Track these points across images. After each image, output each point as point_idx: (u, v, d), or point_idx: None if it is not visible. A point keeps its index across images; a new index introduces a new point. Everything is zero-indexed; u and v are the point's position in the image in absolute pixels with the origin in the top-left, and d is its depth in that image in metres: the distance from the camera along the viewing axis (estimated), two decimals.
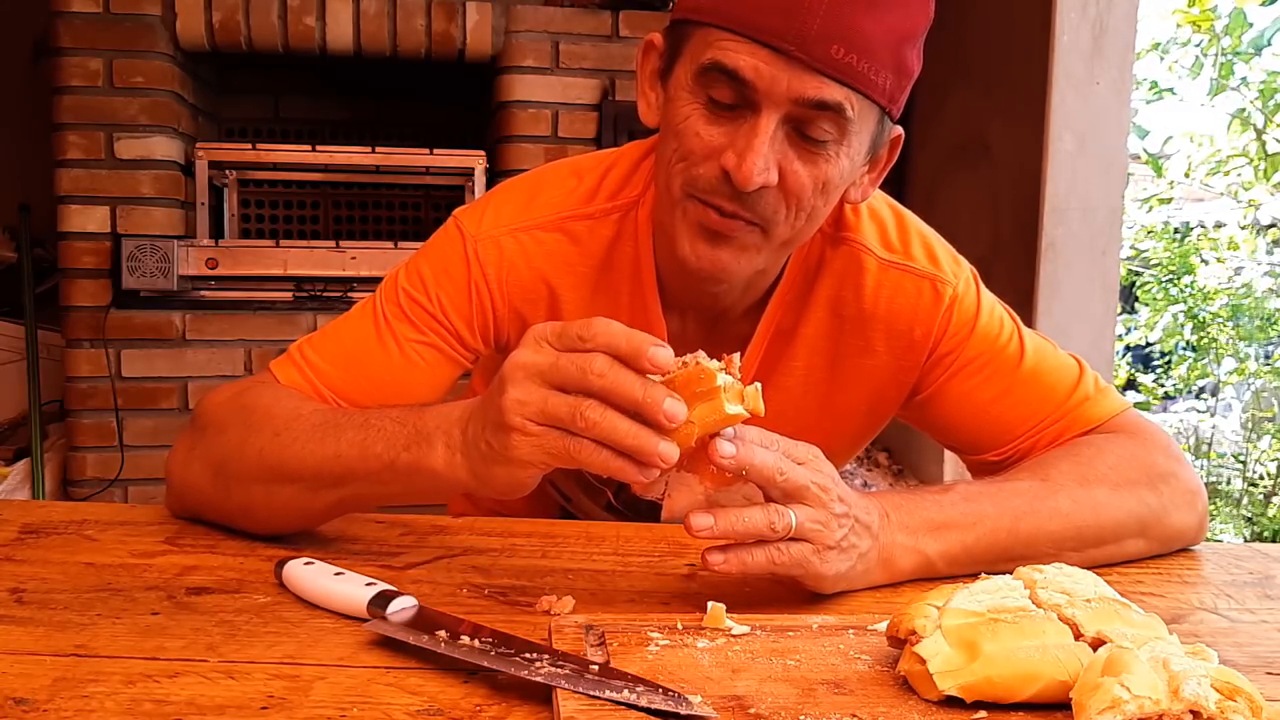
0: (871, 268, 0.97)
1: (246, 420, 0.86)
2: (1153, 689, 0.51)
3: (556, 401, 0.64)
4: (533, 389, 0.65)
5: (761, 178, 0.79)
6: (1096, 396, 0.98)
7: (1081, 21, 2.60)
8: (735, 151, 0.80)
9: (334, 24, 2.83)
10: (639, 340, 0.64)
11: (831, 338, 0.99)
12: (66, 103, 2.71)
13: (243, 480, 0.85)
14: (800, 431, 0.76)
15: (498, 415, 0.66)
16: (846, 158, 0.83)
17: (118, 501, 2.74)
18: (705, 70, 0.80)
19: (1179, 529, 0.94)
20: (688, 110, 0.82)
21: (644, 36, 0.91)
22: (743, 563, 0.70)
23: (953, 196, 3.10)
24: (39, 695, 0.57)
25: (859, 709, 0.57)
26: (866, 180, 0.91)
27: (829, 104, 0.79)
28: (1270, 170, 4.90)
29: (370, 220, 3.21)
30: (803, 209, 0.84)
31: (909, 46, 0.82)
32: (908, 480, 3.26)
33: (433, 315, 0.93)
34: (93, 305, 2.73)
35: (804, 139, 0.81)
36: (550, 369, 0.64)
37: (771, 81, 0.78)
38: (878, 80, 0.80)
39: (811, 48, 0.77)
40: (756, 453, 0.69)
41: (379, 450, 0.76)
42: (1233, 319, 4.98)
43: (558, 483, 1.12)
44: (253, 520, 0.87)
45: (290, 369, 0.92)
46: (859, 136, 0.83)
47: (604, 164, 1.00)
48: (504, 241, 0.95)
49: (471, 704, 0.58)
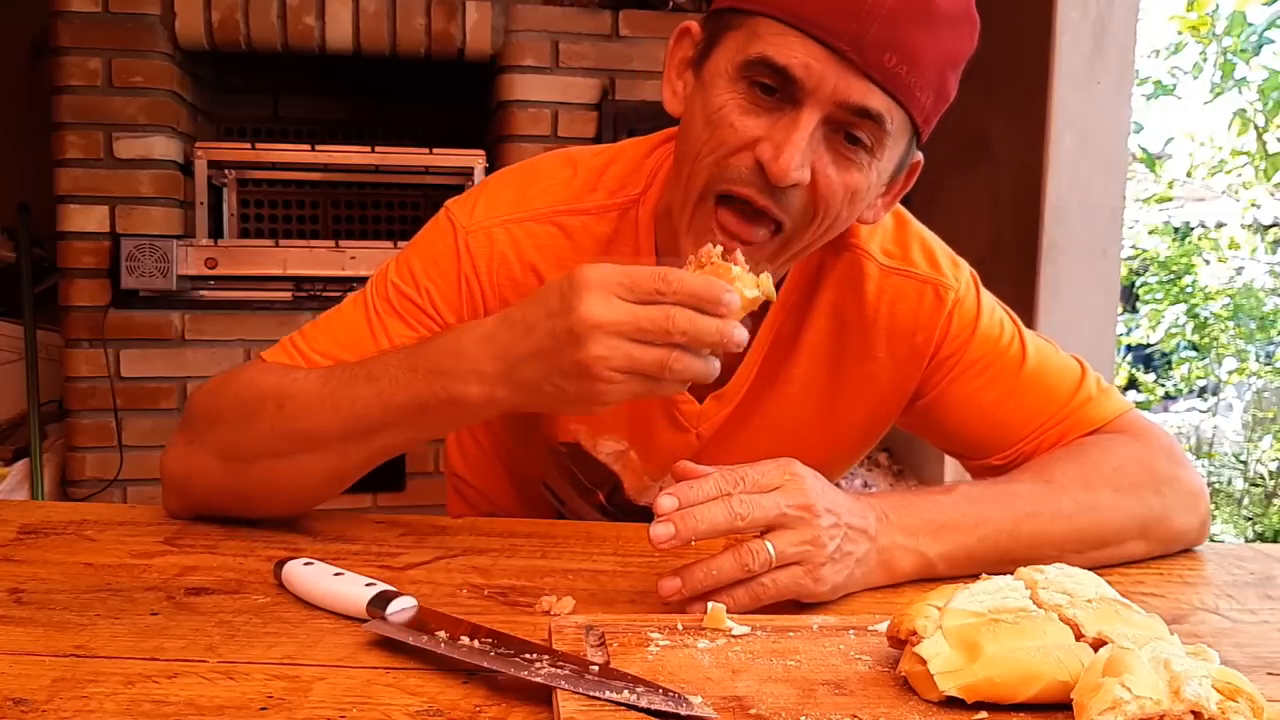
0: (872, 274, 0.96)
1: (242, 402, 0.87)
2: (1154, 689, 0.51)
3: (643, 356, 0.69)
4: (615, 344, 0.69)
5: (797, 173, 0.79)
6: (1099, 398, 0.98)
7: (1082, 21, 2.60)
8: (773, 144, 0.78)
9: (333, 23, 2.82)
10: (715, 290, 0.69)
11: (833, 344, 0.98)
12: (65, 102, 2.71)
13: (258, 459, 0.85)
14: (801, 439, 0.77)
15: (579, 368, 0.70)
16: (876, 170, 0.83)
17: (117, 502, 2.74)
18: (752, 63, 0.78)
19: (1181, 531, 0.93)
20: (724, 99, 0.80)
21: (647, 34, 0.91)
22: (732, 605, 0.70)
23: (954, 196, 3.10)
24: (38, 695, 0.57)
25: (859, 709, 0.57)
26: (880, 203, 0.90)
27: (872, 112, 0.78)
28: (1271, 170, 4.90)
29: (370, 220, 3.21)
30: (829, 215, 0.83)
31: (952, 71, 0.82)
32: (908, 481, 3.25)
33: (421, 309, 0.93)
34: (92, 305, 2.73)
35: (840, 143, 0.80)
36: (633, 327, 0.69)
37: (820, 79, 0.77)
38: (921, 97, 0.79)
39: (866, 51, 0.76)
40: (700, 519, 0.69)
41: (401, 399, 0.79)
42: (1234, 319, 4.98)
43: (552, 485, 1.12)
44: (274, 498, 0.88)
45: (283, 360, 0.92)
46: (891, 151, 0.83)
47: (602, 158, 0.99)
48: (495, 233, 0.94)
49: (471, 704, 0.58)
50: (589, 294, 0.69)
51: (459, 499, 1.23)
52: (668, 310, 0.69)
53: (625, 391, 0.71)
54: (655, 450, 1.01)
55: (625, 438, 1.02)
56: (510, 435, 1.14)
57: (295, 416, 0.83)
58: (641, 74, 2.88)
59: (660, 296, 0.69)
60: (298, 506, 0.90)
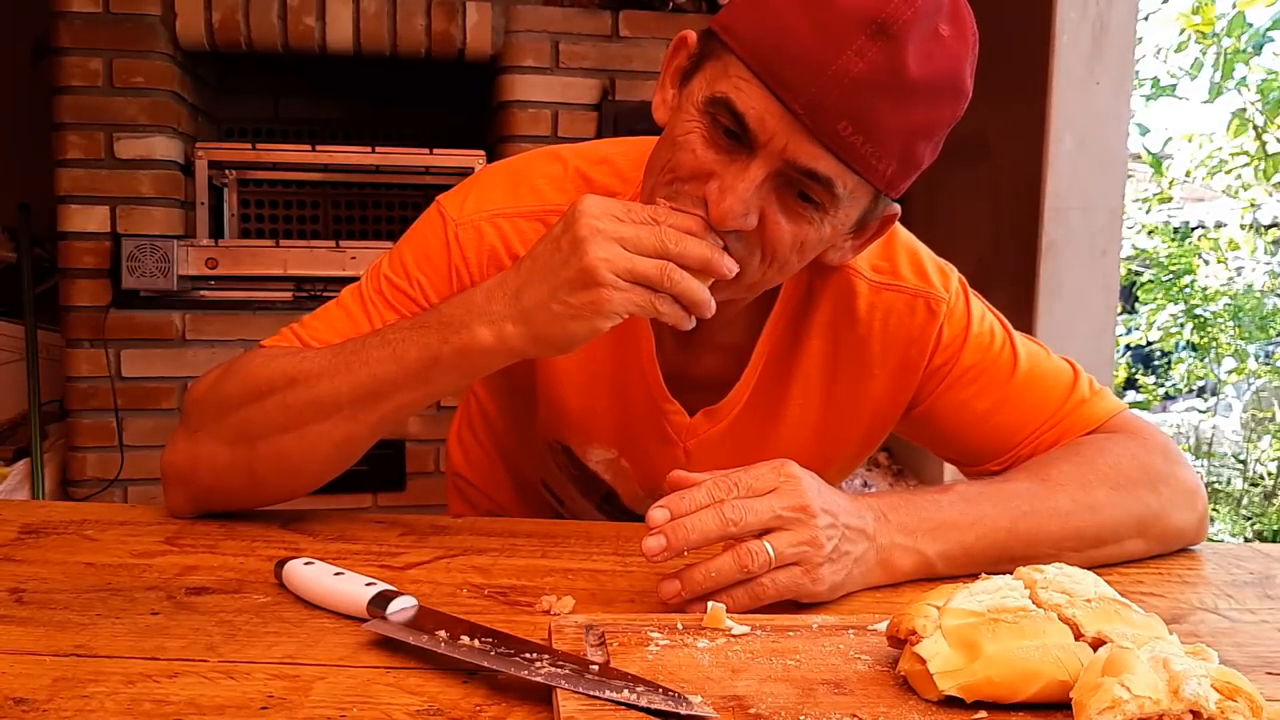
0: (863, 290, 0.96)
1: (251, 384, 0.88)
2: (1153, 689, 0.51)
3: (644, 264, 0.75)
4: (617, 250, 0.74)
5: (738, 222, 0.77)
6: (1093, 399, 0.98)
7: (1081, 21, 2.61)
8: (719, 186, 0.78)
9: (334, 24, 2.83)
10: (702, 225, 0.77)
11: (827, 364, 0.98)
12: (66, 103, 2.71)
13: (268, 435, 0.86)
14: (796, 456, 0.76)
15: (584, 274, 0.74)
16: (829, 225, 0.81)
17: (117, 501, 2.74)
18: (715, 101, 0.78)
19: (1179, 529, 0.93)
20: (690, 126, 0.80)
21: (646, 35, 0.91)
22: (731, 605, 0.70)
23: (953, 196, 3.10)
24: (39, 695, 0.57)
25: (859, 709, 0.57)
26: (849, 246, 0.89)
27: (819, 175, 0.76)
28: (1270, 170, 4.90)
29: (370, 220, 3.21)
30: (776, 261, 0.82)
31: (924, 141, 0.79)
32: (907, 480, 3.26)
33: (414, 300, 0.93)
34: (92, 305, 2.73)
35: (791, 195, 0.79)
36: (633, 239, 0.75)
37: (772, 135, 0.76)
38: (878, 166, 0.77)
39: (819, 116, 0.74)
40: (692, 528, 0.70)
41: (415, 354, 0.82)
42: (1233, 319, 4.98)
43: (551, 484, 1.12)
44: (285, 474, 0.89)
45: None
46: (846, 210, 0.81)
47: (591, 157, 0.98)
48: (484, 227, 0.95)
49: (471, 704, 0.58)
50: (589, 209, 0.75)
51: (460, 499, 1.23)
52: (661, 229, 0.75)
53: (628, 301, 0.75)
54: (646, 462, 1.01)
55: (615, 447, 1.02)
56: (510, 435, 1.14)
57: (308, 386, 0.85)
58: (641, 74, 2.88)
59: (655, 223, 0.76)
60: (307, 480, 0.90)
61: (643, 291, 0.75)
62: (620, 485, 1.05)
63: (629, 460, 1.02)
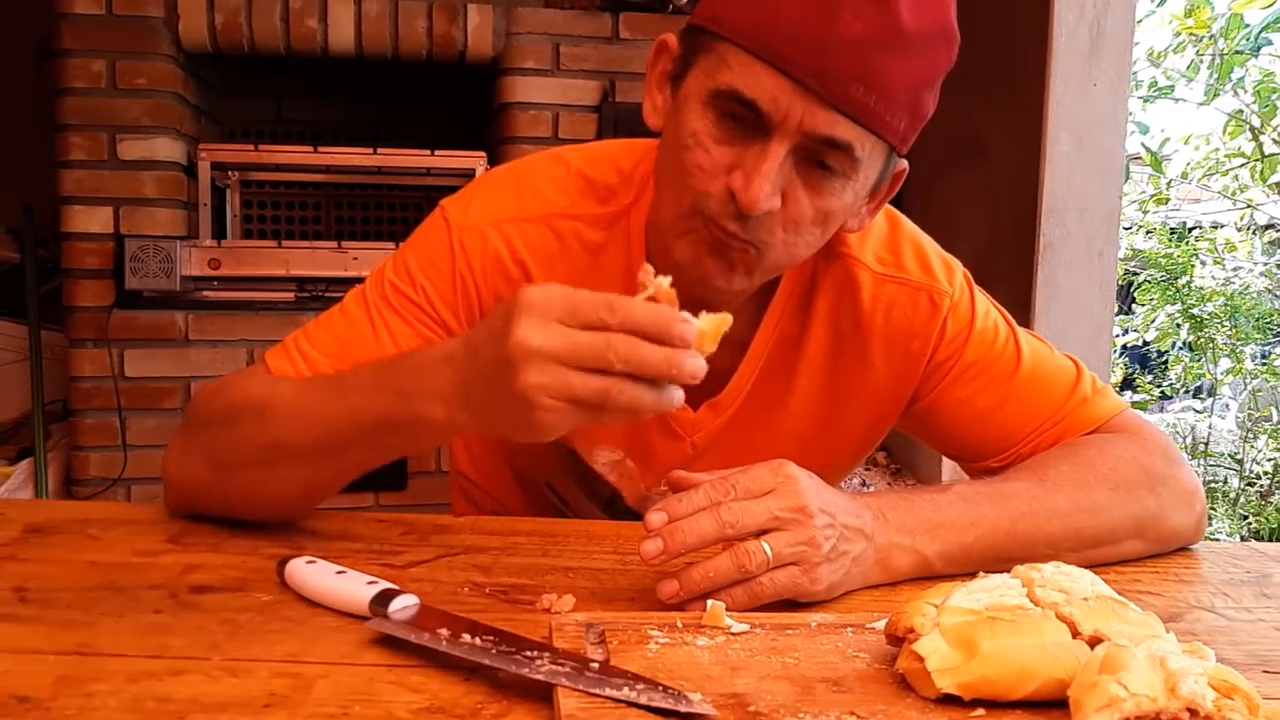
0: (866, 282, 0.96)
1: (230, 409, 0.87)
2: (1150, 687, 0.52)
3: (581, 386, 0.63)
4: (552, 371, 0.63)
5: (767, 203, 0.78)
6: (1095, 398, 0.98)
7: (1079, 23, 2.61)
8: (743, 173, 0.78)
9: (336, 26, 2.83)
10: (663, 320, 0.63)
11: (830, 354, 0.98)
12: (69, 104, 2.71)
13: (238, 467, 0.85)
14: (799, 448, 0.77)
15: (517, 399, 0.64)
16: (851, 192, 0.82)
17: (121, 501, 2.75)
18: (721, 93, 0.78)
19: (1176, 530, 0.94)
20: (697, 124, 0.80)
21: (647, 37, 0.91)
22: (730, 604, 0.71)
23: (950, 197, 3.10)
24: (42, 693, 0.58)
25: (857, 706, 0.58)
26: (865, 210, 0.90)
27: (840, 142, 0.78)
28: (1267, 171, 4.90)
29: (372, 221, 3.21)
30: (800, 236, 0.83)
31: (928, 90, 0.81)
32: (906, 479, 3.26)
33: (418, 305, 0.93)
34: (96, 305, 2.73)
35: (812, 168, 0.80)
36: (570, 354, 0.63)
37: (787, 113, 0.76)
38: (892, 122, 0.79)
39: (831, 85, 0.75)
40: (689, 532, 0.70)
41: (372, 417, 0.77)
42: (1230, 319, 4.98)
43: (555, 486, 1.12)
44: (254, 506, 0.88)
45: (284, 361, 0.92)
46: (865, 173, 0.82)
47: (593, 158, 0.99)
48: (488, 232, 0.94)
49: (473, 702, 0.58)
50: (527, 318, 0.64)
51: (464, 499, 1.23)
52: (609, 338, 0.63)
53: (566, 420, 0.65)
54: (652, 459, 1.01)
55: (621, 447, 1.02)
56: None
57: (273, 427, 0.83)
58: (642, 76, 2.84)
59: (604, 324, 0.63)
60: (277, 516, 0.89)
61: (582, 411, 0.65)
62: (625, 486, 1.05)
63: (635, 460, 1.02)
